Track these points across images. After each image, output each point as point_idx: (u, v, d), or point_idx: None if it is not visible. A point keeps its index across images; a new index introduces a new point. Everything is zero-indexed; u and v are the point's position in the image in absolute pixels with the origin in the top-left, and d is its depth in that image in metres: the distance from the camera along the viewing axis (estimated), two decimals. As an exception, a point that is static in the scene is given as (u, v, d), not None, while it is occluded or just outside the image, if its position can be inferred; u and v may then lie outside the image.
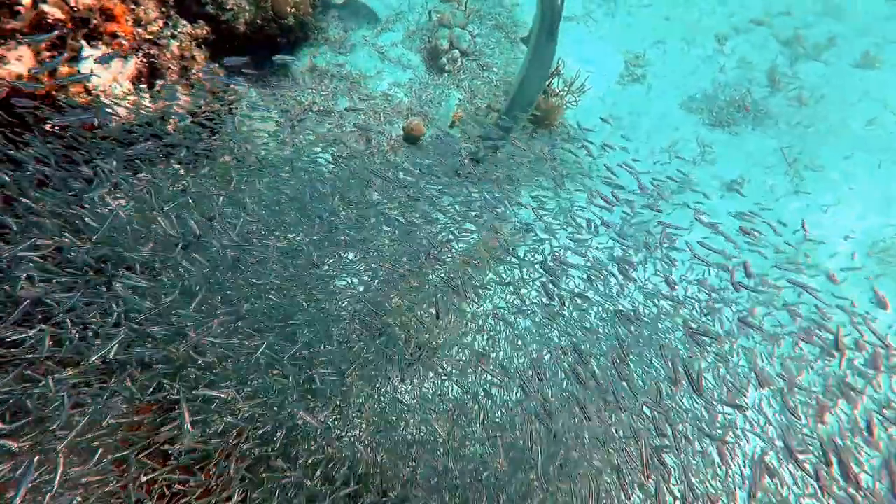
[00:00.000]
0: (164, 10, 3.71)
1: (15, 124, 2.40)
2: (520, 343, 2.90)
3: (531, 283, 3.14)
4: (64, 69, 2.82)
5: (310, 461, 2.35)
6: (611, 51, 6.76)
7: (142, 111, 3.33)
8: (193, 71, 3.85)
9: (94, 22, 3.16)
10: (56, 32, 2.85)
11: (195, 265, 2.23)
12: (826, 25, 7.13)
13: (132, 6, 3.41)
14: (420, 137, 5.73)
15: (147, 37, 3.52)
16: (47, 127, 2.66)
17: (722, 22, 7.08)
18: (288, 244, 2.60)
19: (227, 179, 3.23)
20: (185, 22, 4.14)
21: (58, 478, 1.62)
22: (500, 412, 2.67)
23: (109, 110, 3.06)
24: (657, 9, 7.02)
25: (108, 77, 3.25)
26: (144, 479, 2.08)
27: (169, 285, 2.26)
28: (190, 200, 2.59)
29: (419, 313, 3.77)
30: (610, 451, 2.56)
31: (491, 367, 2.66)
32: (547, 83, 5.13)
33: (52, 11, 2.80)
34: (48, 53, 2.78)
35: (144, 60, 3.50)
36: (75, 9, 3.06)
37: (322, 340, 2.51)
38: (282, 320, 2.56)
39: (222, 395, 2.02)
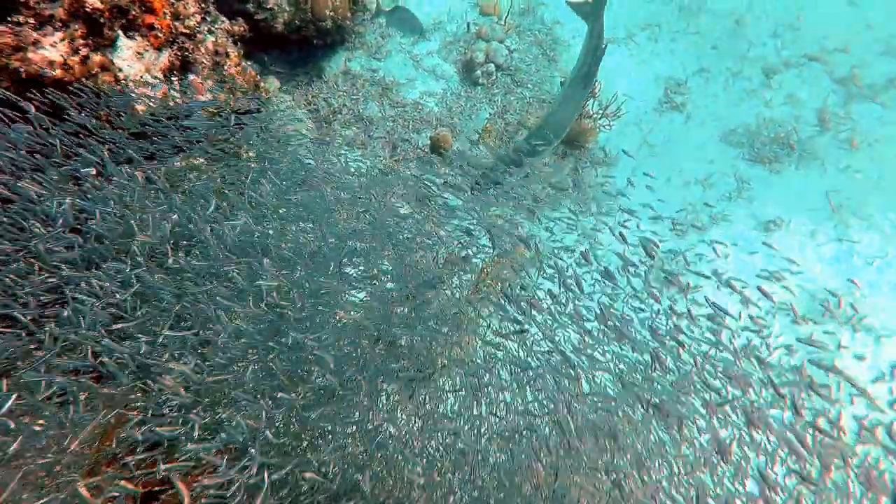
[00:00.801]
0: (203, 5, 3.75)
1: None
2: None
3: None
4: (96, 58, 2.86)
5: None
6: (651, 76, 6.56)
7: (170, 103, 3.36)
8: (226, 67, 3.88)
9: (133, 13, 3.21)
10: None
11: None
12: (885, 66, 6.75)
13: (172, 0, 3.45)
14: (447, 149, 5.66)
15: (183, 31, 3.56)
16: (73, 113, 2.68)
17: (772, 55, 6.78)
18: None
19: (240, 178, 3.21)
20: (223, 18, 4.19)
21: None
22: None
23: (137, 98, 3.09)
24: (704, 37, 6.78)
25: (140, 68, 3.29)
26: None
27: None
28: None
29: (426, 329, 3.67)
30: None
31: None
32: (578, 113, 5.02)
33: (92, 1, 2.84)
34: (82, 41, 2.82)
35: (178, 53, 3.53)
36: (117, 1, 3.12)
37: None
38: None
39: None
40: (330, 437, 2.39)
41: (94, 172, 2.28)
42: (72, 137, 2.39)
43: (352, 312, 3.02)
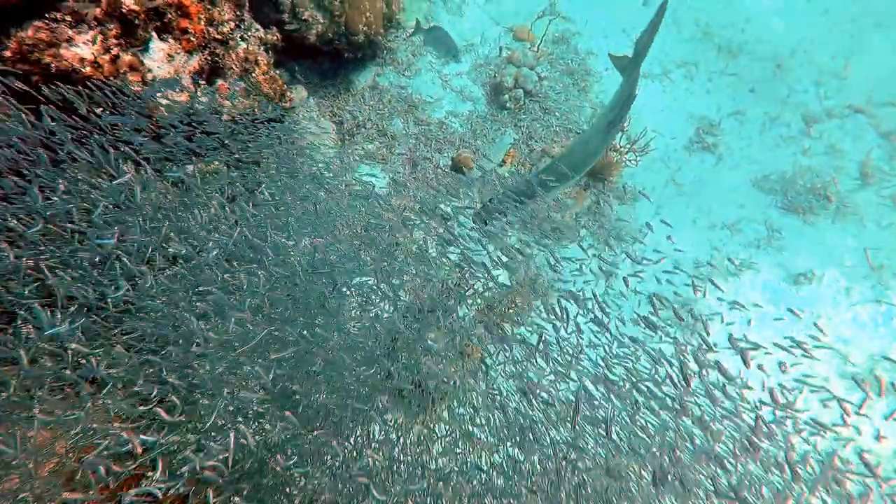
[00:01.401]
0: (238, 13, 3.85)
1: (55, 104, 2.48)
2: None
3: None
4: (126, 57, 2.94)
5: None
6: (683, 114, 6.41)
7: (197, 106, 3.43)
8: (254, 74, 3.95)
9: (169, 16, 3.30)
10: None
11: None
12: (937, 123, 6.42)
13: (208, 6, 3.55)
14: (468, 170, 5.62)
15: (216, 36, 3.65)
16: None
17: (814, 103, 6.53)
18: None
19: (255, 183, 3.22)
20: (258, 27, 4.30)
21: None
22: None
23: (161, 100, 3.16)
24: (742, 79, 6.60)
25: (170, 70, 3.37)
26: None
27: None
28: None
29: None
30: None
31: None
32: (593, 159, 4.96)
33: (128, 3, 2.93)
34: (115, 41, 2.90)
35: (208, 58, 3.61)
36: (155, 3, 3.21)
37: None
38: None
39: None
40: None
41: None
42: (85, 133, 2.43)
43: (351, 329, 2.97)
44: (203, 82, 3.63)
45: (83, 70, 2.75)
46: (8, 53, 2.52)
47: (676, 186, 6.12)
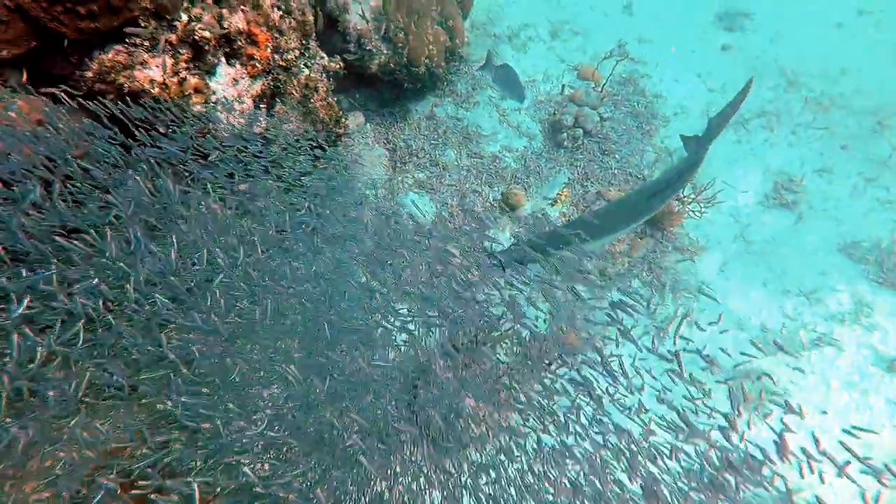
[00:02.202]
0: (303, 41, 4.03)
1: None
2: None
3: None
4: (192, 80, 3.13)
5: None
6: (760, 167, 5.89)
7: (255, 127, 3.59)
8: (312, 100, 4.10)
9: (238, 43, 3.51)
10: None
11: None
12: None
13: (276, 35, 3.74)
14: (518, 207, 5.48)
15: (280, 63, 3.83)
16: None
17: (921, 164, 5.79)
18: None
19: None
20: (322, 55, 4.48)
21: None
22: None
23: (223, 121, 3.33)
24: (833, 134, 5.99)
25: (233, 93, 3.56)
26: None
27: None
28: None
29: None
30: None
31: None
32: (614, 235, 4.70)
33: (202, 31, 3.14)
34: (185, 65, 3.11)
35: (271, 83, 3.79)
36: (227, 31, 3.43)
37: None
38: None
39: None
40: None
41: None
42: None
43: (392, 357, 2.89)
44: (263, 106, 3.81)
45: (152, 91, 2.95)
46: (89, 74, 2.76)
47: (746, 243, 5.59)
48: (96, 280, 1.89)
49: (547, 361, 4.21)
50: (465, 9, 6.18)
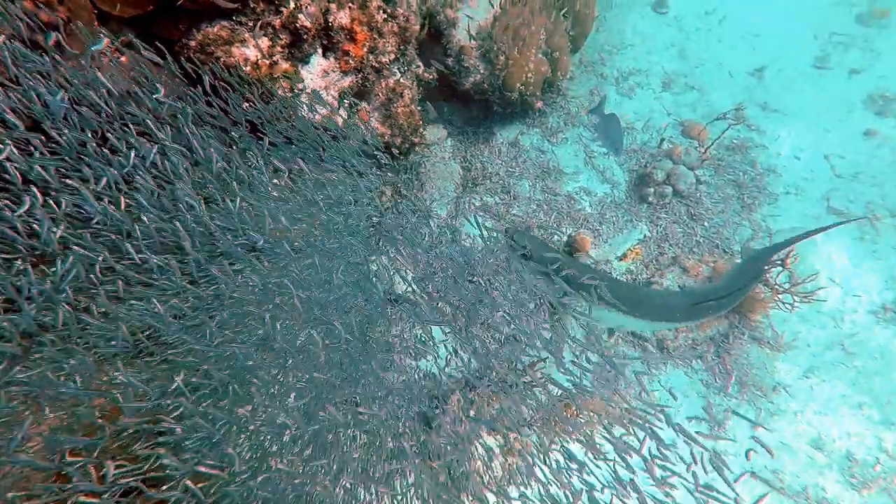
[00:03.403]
0: (401, 47, 4.06)
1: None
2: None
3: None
4: (283, 66, 3.23)
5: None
6: (882, 272, 5.03)
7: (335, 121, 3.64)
8: (395, 104, 4.11)
9: (337, 38, 3.59)
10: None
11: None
12: None
13: (375, 36, 3.80)
14: (582, 252, 5.12)
15: (374, 64, 3.87)
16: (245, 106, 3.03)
17: None
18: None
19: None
20: (419, 63, 4.50)
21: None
22: None
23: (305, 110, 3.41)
24: None
25: (322, 83, 3.64)
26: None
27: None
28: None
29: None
30: None
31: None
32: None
33: (304, 20, 3.25)
34: (280, 49, 3.22)
35: (359, 81, 3.84)
36: (330, 24, 3.53)
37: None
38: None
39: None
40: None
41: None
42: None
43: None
44: (347, 102, 3.87)
45: (244, 68, 3.08)
46: (192, 43, 2.94)
47: (846, 354, 4.77)
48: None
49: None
50: (578, 45, 5.98)
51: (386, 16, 3.79)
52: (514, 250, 2.60)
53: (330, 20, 3.53)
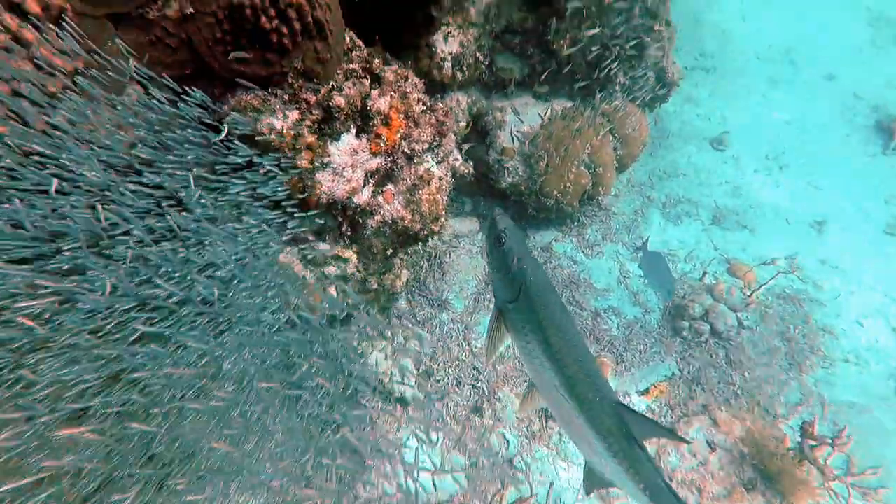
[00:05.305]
0: (437, 139, 4.05)
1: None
2: None
3: None
4: (308, 139, 3.25)
5: None
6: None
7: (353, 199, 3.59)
8: (420, 191, 4.03)
9: (373, 122, 3.63)
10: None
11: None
12: None
13: (411, 125, 3.82)
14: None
15: (405, 150, 3.86)
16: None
17: None
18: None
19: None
20: (457, 156, 4.49)
21: None
22: None
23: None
24: None
25: (349, 161, 3.63)
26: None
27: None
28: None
29: None
30: None
31: None
32: None
33: (339, 100, 3.30)
34: (309, 124, 3.26)
35: (388, 165, 3.82)
36: (368, 108, 3.59)
37: None
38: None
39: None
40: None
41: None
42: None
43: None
44: (373, 182, 3.83)
45: (269, 136, 3.11)
46: (225, 107, 3.02)
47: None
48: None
49: None
50: (625, 164, 5.87)
51: (425, 108, 3.83)
52: (491, 231, 2.17)
53: (369, 104, 3.60)
